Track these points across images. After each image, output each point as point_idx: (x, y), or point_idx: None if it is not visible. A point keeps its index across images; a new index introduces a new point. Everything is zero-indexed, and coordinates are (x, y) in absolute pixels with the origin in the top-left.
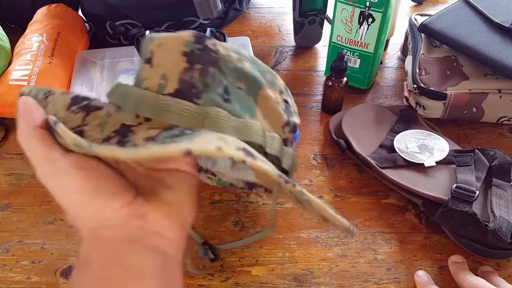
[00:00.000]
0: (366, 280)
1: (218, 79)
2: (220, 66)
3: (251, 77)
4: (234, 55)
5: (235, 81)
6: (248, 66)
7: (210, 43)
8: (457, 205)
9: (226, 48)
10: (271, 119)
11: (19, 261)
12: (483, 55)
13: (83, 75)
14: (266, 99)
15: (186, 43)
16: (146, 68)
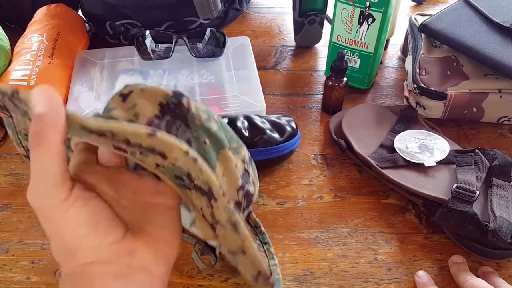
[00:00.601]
0: (366, 280)
1: (182, 132)
2: (187, 121)
3: (216, 137)
4: (204, 115)
5: (200, 136)
6: (215, 126)
7: (185, 101)
8: (457, 205)
9: (198, 108)
10: (228, 179)
11: (19, 261)
12: (483, 55)
13: (83, 75)
14: (226, 159)
15: (165, 95)
16: (118, 100)
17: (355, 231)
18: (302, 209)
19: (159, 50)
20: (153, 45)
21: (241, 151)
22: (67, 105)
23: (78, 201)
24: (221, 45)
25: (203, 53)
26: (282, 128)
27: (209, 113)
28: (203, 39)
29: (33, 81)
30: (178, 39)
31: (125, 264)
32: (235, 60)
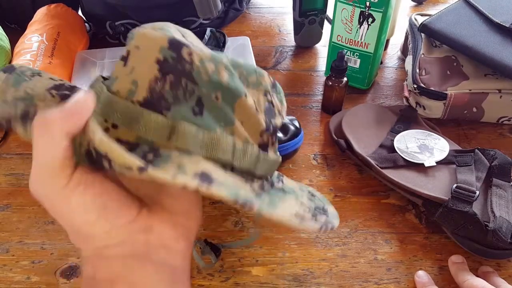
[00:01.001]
0: (366, 280)
1: (190, 91)
2: (194, 77)
3: (228, 89)
4: (211, 66)
5: (210, 92)
6: (225, 76)
7: (186, 52)
8: (457, 205)
9: (202, 58)
10: (249, 126)
11: (19, 261)
12: (483, 55)
13: (83, 75)
14: (244, 106)
15: (160, 49)
16: (120, 66)
17: (355, 231)
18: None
19: None
20: None
21: (261, 82)
22: None
23: (80, 185)
24: (221, 45)
25: None
26: (285, 127)
27: (215, 59)
28: (203, 39)
29: None
30: None
31: (142, 242)
32: None
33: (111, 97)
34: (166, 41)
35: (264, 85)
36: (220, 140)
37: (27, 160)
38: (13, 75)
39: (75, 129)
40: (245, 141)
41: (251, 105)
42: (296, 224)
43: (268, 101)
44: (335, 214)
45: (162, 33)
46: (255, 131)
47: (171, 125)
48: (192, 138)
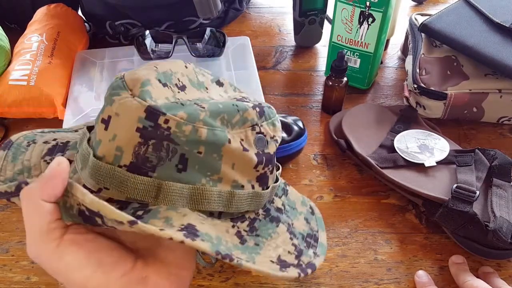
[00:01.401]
0: (366, 280)
1: (172, 151)
2: (173, 140)
3: (208, 143)
4: (188, 128)
5: (192, 148)
6: (204, 133)
7: (162, 120)
8: (457, 205)
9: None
10: (241, 166)
11: (19, 261)
12: (483, 55)
13: (83, 75)
14: (231, 152)
15: (139, 118)
16: (101, 129)
17: (355, 231)
18: None
19: (159, 50)
20: (153, 45)
21: (247, 117)
22: (67, 105)
23: (72, 245)
24: (221, 45)
25: (203, 53)
26: (289, 127)
27: (192, 118)
28: (203, 39)
29: (32, 81)
30: (178, 39)
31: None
32: (235, 60)
33: (98, 163)
34: (143, 111)
35: (250, 119)
36: (204, 192)
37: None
38: (11, 150)
39: (54, 194)
40: (234, 184)
41: (237, 147)
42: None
43: (257, 133)
44: (324, 245)
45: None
46: (249, 168)
47: (157, 185)
48: (177, 194)
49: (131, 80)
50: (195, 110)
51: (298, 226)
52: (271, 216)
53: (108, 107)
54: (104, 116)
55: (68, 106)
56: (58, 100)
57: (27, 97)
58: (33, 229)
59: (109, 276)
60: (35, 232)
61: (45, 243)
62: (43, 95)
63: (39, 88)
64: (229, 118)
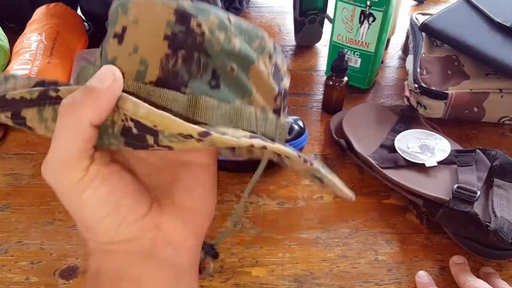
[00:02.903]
0: (367, 281)
1: (204, 65)
2: (206, 50)
3: (240, 55)
4: (221, 35)
5: (224, 63)
6: (237, 43)
7: (195, 23)
8: (458, 205)
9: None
10: (264, 92)
11: (18, 261)
12: (484, 54)
13: None
14: (258, 73)
15: (167, 23)
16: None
17: (355, 232)
18: (303, 210)
19: None
20: None
21: (265, 45)
22: None
23: (95, 180)
24: None
25: None
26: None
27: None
28: None
29: None
30: None
31: (149, 240)
32: None
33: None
34: (172, 14)
35: (267, 48)
36: (242, 111)
37: (26, 160)
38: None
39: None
40: (263, 110)
41: (263, 71)
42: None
43: (273, 64)
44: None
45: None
46: (270, 97)
47: (193, 101)
48: (216, 111)
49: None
50: (223, 17)
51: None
52: None
53: (122, 17)
54: (117, 29)
55: None
56: None
57: None
58: (61, 152)
59: (122, 220)
60: (62, 157)
61: (69, 171)
62: None
63: None
64: (249, 40)
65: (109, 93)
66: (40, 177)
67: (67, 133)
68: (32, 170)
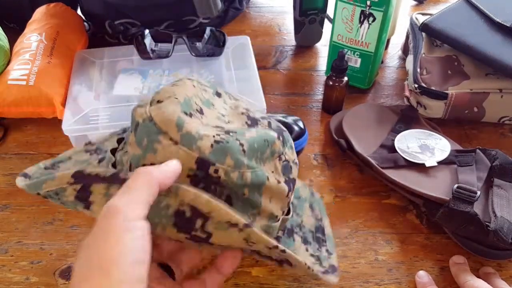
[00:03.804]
0: (367, 281)
1: (219, 192)
2: (222, 184)
3: (253, 184)
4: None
5: (238, 191)
6: (249, 177)
7: (213, 170)
8: (458, 205)
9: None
10: (277, 198)
11: (18, 261)
12: (484, 54)
13: (82, 75)
14: (270, 188)
15: (189, 169)
16: None
17: (355, 232)
18: None
19: (159, 49)
20: (153, 44)
21: (274, 150)
22: (66, 105)
23: (139, 230)
24: (221, 44)
25: (202, 53)
26: (289, 128)
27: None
28: (203, 39)
29: (31, 81)
30: (177, 38)
31: None
32: (235, 59)
33: None
34: (194, 163)
35: (277, 150)
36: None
37: (25, 160)
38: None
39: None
40: (270, 217)
41: (273, 183)
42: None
43: (283, 161)
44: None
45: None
46: (283, 198)
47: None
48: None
49: (162, 122)
50: (238, 154)
51: (307, 221)
52: (287, 229)
53: (150, 155)
54: (147, 163)
55: (67, 106)
56: (57, 100)
57: (26, 97)
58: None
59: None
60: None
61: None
62: (42, 94)
63: (38, 87)
64: (261, 155)
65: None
66: None
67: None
68: None
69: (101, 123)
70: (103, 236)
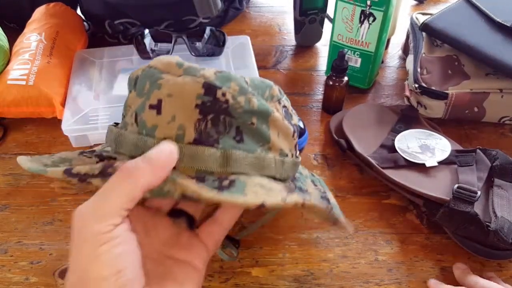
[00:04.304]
0: (367, 281)
1: (229, 123)
2: (230, 112)
3: (259, 111)
4: (242, 99)
5: (246, 120)
6: (254, 102)
7: (220, 93)
8: (458, 205)
9: (234, 94)
10: (283, 135)
11: (18, 261)
12: (484, 54)
13: (82, 75)
14: (276, 121)
15: (197, 96)
16: (152, 114)
17: (355, 232)
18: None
19: (159, 49)
20: (152, 44)
21: (273, 93)
22: (66, 105)
23: (117, 238)
24: (221, 44)
25: (202, 52)
26: None
27: (244, 90)
28: (203, 38)
29: (31, 81)
30: (177, 38)
31: None
32: (235, 59)
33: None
34: (201, 88)
35: (276, 95)
36: (264, 159)
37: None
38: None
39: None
40: (281, 153)
41: (278, 117)
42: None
43: (282, 107)
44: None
45: (192, 79)
46: (289, 137)
47: (224, 155)
48: (244, 162)
49: (162, 65)
50: (242, 81)
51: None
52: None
53: (155, 92)
54: (152, 101)
55: (67, 106)
56: (57, 100)
57: (26, 97)
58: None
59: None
60: (104, 207)
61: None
62: (42, 94)
63: (38, 87)
64: (262, 93)
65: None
66: (40, 177)
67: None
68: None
69: (101, 123)
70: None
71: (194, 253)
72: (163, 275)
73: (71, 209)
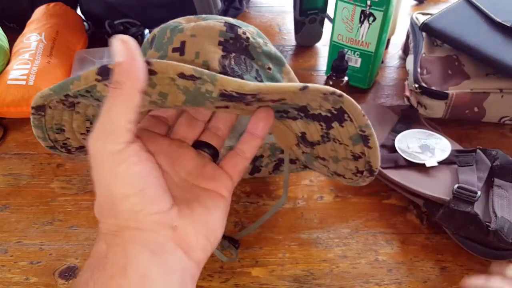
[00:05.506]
0: (367, 281)
1: (249, 65)
2: (250, 52)
3: (276, 57)
4: (259, 40)
5: (264, 63)
6: (272, 47)
7: (241, 31)
8: (458, 205)
9: (253, 34)
10: None
11: (18, 261)
12: (484, 54)
13: None
14: (288, 73)
15: (220, 33)
16: (175, 56)
17: (355, 232)
18: (303, 210)
19: None
20: None
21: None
22: None
23: (133, 157)
24: None
25: None
26: None
27: (260, 34)
28: None
29: (31, 81)
30: None
31: (163, 237)
32: None
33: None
34: (223, 25)
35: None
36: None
37: (25, 160)
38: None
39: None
40: None
41: (290, 70)
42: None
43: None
44: None
45: (213, 20)
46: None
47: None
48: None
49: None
50: (255, 29)
51: None
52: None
53: (178, 35)
54: (176, 44)
55: None
56: None
57: (26, 97)
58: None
59: (144, 207)
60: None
61: (112, 141)
62: None
63: (38, 87)
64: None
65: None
66: (40, 177)
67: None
68: (31, 170)
69: None
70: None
71: (220, 182)
72: (191, 200)
73: (71, 209)
